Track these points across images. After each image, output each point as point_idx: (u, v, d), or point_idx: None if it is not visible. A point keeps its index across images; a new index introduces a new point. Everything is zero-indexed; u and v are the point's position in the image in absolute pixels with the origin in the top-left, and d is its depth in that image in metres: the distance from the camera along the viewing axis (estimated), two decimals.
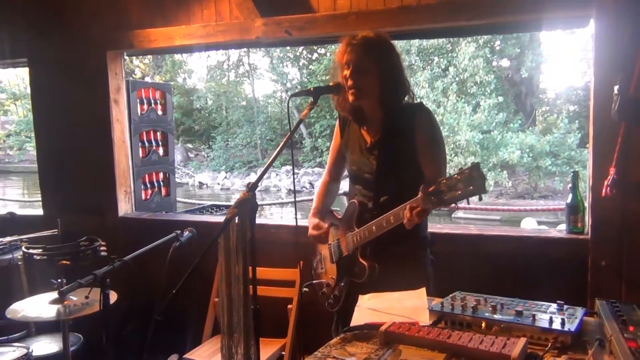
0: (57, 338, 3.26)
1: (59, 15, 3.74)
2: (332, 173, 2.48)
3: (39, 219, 3.92)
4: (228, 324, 1.88)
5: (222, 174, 21.43)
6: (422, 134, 2.11)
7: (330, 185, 2.49)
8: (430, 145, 2.12)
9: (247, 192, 1.77)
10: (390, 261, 2.08)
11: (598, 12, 2.48)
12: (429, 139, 2.12)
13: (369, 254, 2.12)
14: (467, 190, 1.61)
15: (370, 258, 2.11)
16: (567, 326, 1.44)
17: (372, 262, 2.09)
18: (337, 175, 2.49)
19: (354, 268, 2.15)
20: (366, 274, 2.08)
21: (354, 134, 2.29)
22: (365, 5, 2.93)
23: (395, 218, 1.93)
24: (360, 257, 2.12)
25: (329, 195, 2.48)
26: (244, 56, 23.47)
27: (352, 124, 2.30)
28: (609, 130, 2.45)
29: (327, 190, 2.48)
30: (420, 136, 2.11)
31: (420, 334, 1.48)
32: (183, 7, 3.41)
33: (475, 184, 1.60)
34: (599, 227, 2.54)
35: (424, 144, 2.11)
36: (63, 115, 3.79)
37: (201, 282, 3.11)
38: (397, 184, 2.13)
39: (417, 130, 2.11)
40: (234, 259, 1.86)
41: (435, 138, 2.15)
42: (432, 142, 2.13)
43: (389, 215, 1.96)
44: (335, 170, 2.48)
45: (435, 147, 2.14)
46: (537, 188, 15.64)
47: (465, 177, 1.62)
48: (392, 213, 1.94)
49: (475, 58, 15.44)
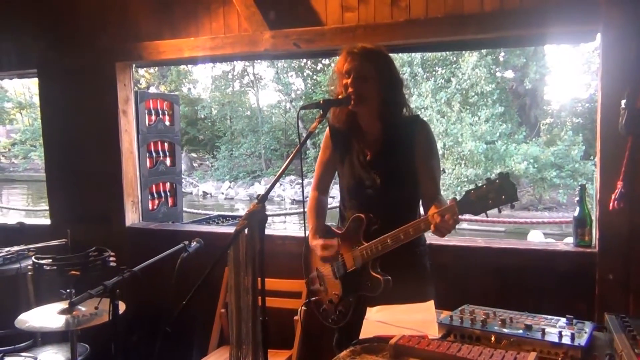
0: (63, 348, 3.27)
1: (68, 26, 3.78)
2: (320, 187, 2.45)
3: (46, 228, 3.93)
4: (237, 335, 1.88)
5: (226, 184, 21.47)
6: (421, 146, 2.14)
7: (320, 201, 2.45)
8: (427, 156, 2.15)
9: (256, 203, 1.79)
10: (396, 272, 2.08)
11: (605, 27, 2.49)
12: (426, 150, 2.16)
13: (379, 267, 2.10)
14: (500, 199, 1.67)
15: (382, 271, 2.09)
16: (577, 341, 1.45)
17: (385, 275, 2.07)
18: (325, 189, 2.48)
19: (367, 282, 2.11)
20: (381, 287, 2.05)
21: (349, 146, 2.29)
22: (373, 18, 2.96)
23: (415, 230, 1.93)
24: (372, 271, 2.09)
25: (322, 211, 2.44)
26: (248, 66, 23.60)
27: (347, 136, 2.29)
28: (616, 143, 2.45)
29: (319, 207, 2.43)
30: (419, 148, 2.14)
31: (430, 347, 1.48)
32: (192, 19, 3.44)
33: (507, 192, 1.66)
34: (606, 241, 2.53)
35: (421, 155, 2.14)
36: (72, 126, 3.82)
37: (207, 293, 3.12)
38: (401, 197, 2.16)
39: (415, 142, 2.14)
40: (243, 270, 1.86)
41: (432, 149, 2.19)
42: (429, 153, 2.17)
43: (407, 228, 1.95)
44: (324, 184, 2.46)
45: (432, 157, 2.18)
46: (541, 200, 15.61)
47: (496, 186, 1.67)
48: (412, 225, 1.94)
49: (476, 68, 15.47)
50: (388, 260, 2.08)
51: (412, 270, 2.18)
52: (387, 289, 2.06)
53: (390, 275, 2.07)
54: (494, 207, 1.70)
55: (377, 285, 2.07)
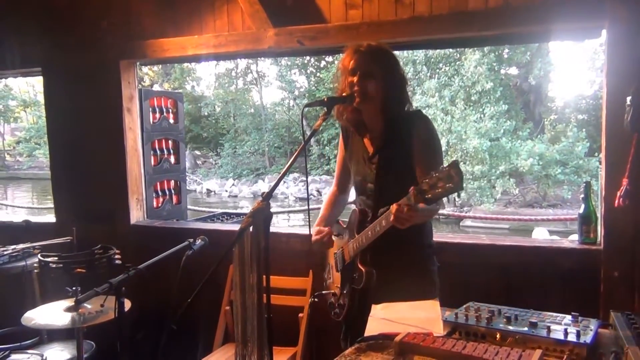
0: (69, 345, 3.28)
1: (72, 25, 3.79)
2: (340, 185, 2.51)
3: (51, 226, 3.95)
4: (242, 333, 1.88)
5: (230, 181, 21.48)
6: (418, 139, 2.13)
7: (337, 197, 2.51)
8: (425, 150, 2.13)
9: (261, 201, 1.79)
10: (394, 269, 2.10)
11: (611, 23, 2.48)
12: (424, 144, 2.14)
13: (368, 260, 2.14)
14: (447, 187, 1.65)
15: (369, 264, 2.13)
16: (583, 338, 1.44)
17: (370, 267, 2.11)
18: (344, 187, 2.51)
19: (354, 274, 2.17)
20: (363, 279, 2.10)
21: (357, 144, 2.31)
22: (377, 15, 2.95)
23: (386, 221, 1.94)
24: (359, 264, 2.14)
25: (336, 207, 2.50)
26: (252, 64, 23.61)
27: (354, 134, 2.32)
28: (621, 140, 2.44)
29: (334, 202, 2.50)
30: (416, 142, 2.13)
31: (435, 345, 1.48)
32: (195, 17, 3.44)
33: (453, 181, 1.63)
34: (611, 238, 2.53)
35: (419, 149, 2.13)
36: (76, 124, 3.83)
37: (211, 290, 3.13)
38: (397, 191, 2.14)
39: (413, 136, 2.13)
40: (249, 268, 1.87)
41: (431, 144, 2.16)
42: (428, 147, 2.14)
43: (380, 219, 1.98)
44: (343, 182, 2.50)
45: (430, 152, 2.15)
46: (545, 197, 15.56)
47: (444, 175, 1.65)
48: (384, 216, 1.96)
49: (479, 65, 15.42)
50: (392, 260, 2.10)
51: (417, 271, 2.19)
52: (370, 281, 2.10)
53: (394, 274, 2.08)
54: (442, 196, 1.68)
55: (361, 277, 2.11)
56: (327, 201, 2.51)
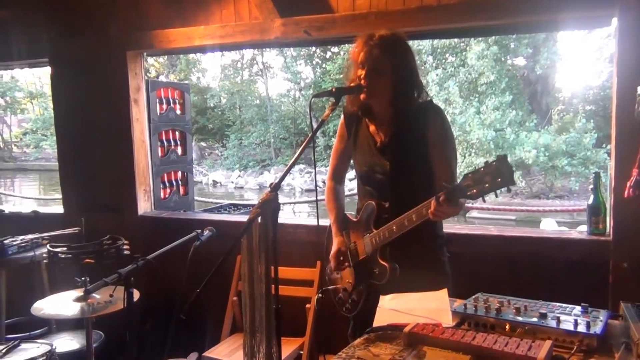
0: (78, 335, 3.31)
1: (79, 15, 3.79)
2: (335, 177, 2.46)
3: (60, 217, 3.97)
4: (250, 323, 1.89)
5: (236, 173, 21.50)
6: (433, 132, 2.11)
7: (336, 190, 2.45)
8: (441, 143, 2.11)
9: (269, 192, 1.79)
10: (409, 261, 2.07)
11: (621, 11, 2.45)
12: (440, 137, 2.12)
13: (388, 255, 2.11)
14: (496, 182, 1.61)
15: (390, 259, 2.10)
16: (593, 329, 1.44)
17: (393, 263, 2.08)
18: (341, 178, 2.48)
19: (374, 270, 2.13)
20: (387, 275, 2.07)
21: (362, 132, 2.28)
22: (385, 5, 2.93)
23: (417, 216, 1.92)
24: (380, 259, 2.11)
25: (340, 201, 2.44)
26: (257, 55, 23.51)
27: (360, 122, 2.28)
28: (631, 131, 2.42)
29: (337, 197, 2.43)
30: (431, 134, 2.11)
31: (445, 336, 1.48)
32: (202, 8, 3.43)
33: (503, 176, 1.59)
34: (620, 229, 2.52)
35: (435, 142, 2.11)
36: (83, 115, 3.84)
37: (219, 281, 3.14)
38: (412, 184, 2.13)
39: (428, 128, 2.11)
40: (257, 258, 1.87)
41: (446, 135, 2.15)
42: (443, 140, 2.13)
43: (410, 214, 1.95)
44: (339, 173, 2.47)
45: (446, 144, 2.13)
46: (552, 188, 15.48)
47: (492, 169, 1.61)
48: (415, 211, 1.93)
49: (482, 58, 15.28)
50: (404, 252, 2.07)
51: (429, 262, 2.16)
52: (393, 276, 2.07)
53: (406, 266, 2.06)
54: (490, 191, 1.63)
55: (384, 272, 2.09)
56: (331, 199, 2.43)
